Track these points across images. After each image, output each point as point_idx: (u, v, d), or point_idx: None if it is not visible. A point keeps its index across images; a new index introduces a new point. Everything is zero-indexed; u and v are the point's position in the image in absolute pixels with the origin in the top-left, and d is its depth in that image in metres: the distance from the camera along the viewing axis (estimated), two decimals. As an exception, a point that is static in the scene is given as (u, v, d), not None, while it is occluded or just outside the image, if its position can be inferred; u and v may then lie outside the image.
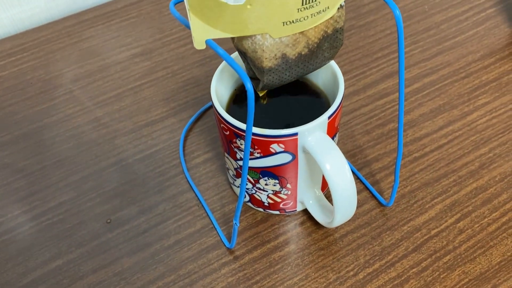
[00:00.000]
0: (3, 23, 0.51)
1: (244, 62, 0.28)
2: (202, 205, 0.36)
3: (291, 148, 0.29)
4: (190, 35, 0.49)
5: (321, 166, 0.28)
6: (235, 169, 0.33)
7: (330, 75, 0.32)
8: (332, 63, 0.31)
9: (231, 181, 0.36)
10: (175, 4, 0.26)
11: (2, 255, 0.34)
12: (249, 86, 0.22)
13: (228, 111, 0.32)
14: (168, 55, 0.48)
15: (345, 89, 0.43)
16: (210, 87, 0.45)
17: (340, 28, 0.26)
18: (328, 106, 0.32)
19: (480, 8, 0.49)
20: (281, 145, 0.29)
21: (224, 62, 0.32)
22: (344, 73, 0.44)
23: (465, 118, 0.40)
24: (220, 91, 0.32)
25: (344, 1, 0.26)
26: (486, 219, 0.34)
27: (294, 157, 0.30)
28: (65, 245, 0.35)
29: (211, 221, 0.35)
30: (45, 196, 0.38)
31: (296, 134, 0.28)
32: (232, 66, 0.22)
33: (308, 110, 0.32)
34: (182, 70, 0.46)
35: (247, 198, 0.34)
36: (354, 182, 0.28)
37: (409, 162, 0.37)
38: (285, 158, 0.30)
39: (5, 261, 0.34)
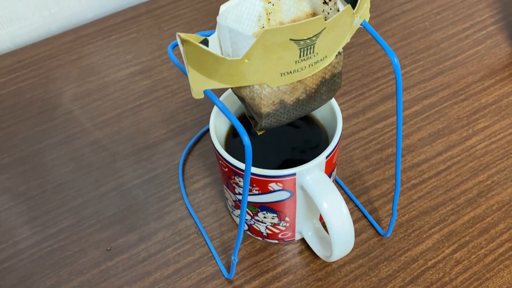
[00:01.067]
0: (3, 39, 0.51)
1: (242, 103, 0.28)
2: (201, 233, 0.36)
3: (289, 187, 0.29)
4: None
5: (319, 206, 0.28)
6: (234, 201, 0.33)
7: (329, 111, 0.32)
8: (332, 100, 0.31)
9: (230, 209, 0.36)
10: (174, 47, 0.26)
11: (3, 284, 0.35)
12: (246, 140, 0.22)
13: (227, 143, 0.32)
14: (167, 73, 0.47)
15: (344, 111, 0.43)
16: (209, 107, 0.45)
17: (338, 72, 0.26)
18: (326, 139, 0.33)
19: (481, 25, 0.49)
20: (279, 184, 0.29)
21: (224, 94, 0.32)
22: (343, 94, 0.44)
23: (464, 143, 0.40)
24: (219, 123, 0.32)
25: (342, 48, 0.25)
26: (483, 250, 0.34)
27: (293, 194, 0.30)
28: (65, 273, 0.35)
29: (210, 250, 0.35)
30: (45, 222, 0.38)
31: (294, 174, 0.28)
32: (230, 119, 0.22)
33: (307, 143, 0.32)
34: (182, 90, 0.46)
35: (246, 227, 0.35)
36: (351, 222, 0.28)
37: (408, 189, 0.38)
38: (284, 195, 0.30)
39: (7, 289, 0.35)
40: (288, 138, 0.32)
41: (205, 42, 0.24)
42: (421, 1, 0.52)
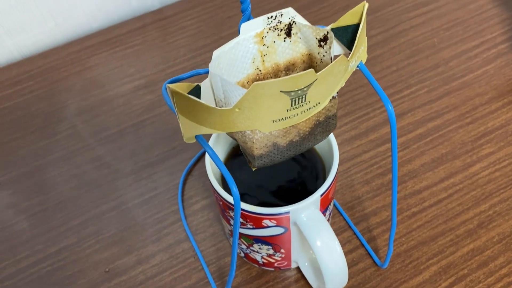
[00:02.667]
0: (9, 50, 0.52)
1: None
2: (198, 257, 0.36)
3: (283, 223, 0.29)
4: (194, 67, 0.49)
5: (312, 244, 0.28)
6: (230, 230, 0.33)
7: (326, 146, 0.31)
8: (330, 136, 0.31)
9: (226, 235, 0.36)
10: (171, 83, 0.26)
11: (5, 302, 0.36)
12: (234, 190, 0.22)
13: (227, 164, 0.32)
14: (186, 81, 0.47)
15: (346, 132, 0.43)
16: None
17: (333, 115, 0.26)
18: (324, 171, 0.32)
19: (491, 43, 0.48)
20: (273, 221, 0.29)
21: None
22: (347, 114, 0.44)
23: (467, 170, 0.39)
24: (216, 150, 0.32)
25: (337, 93, 0.25)
26: (480, 284, 0.34)
27: (287, 230, 0.30)
28: (64, 294, 0.36)
29: (206, 275, 0.36)
30: (46, 241, 0.38)
31: (288, 212, 0.28)
32: (220, 168, 0.22)
33: (304, 175, 0.32)
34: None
35: (242, 254, 0.35)
36: (345, 261, 0.28)
37: (407, 217, 0.37)
38: (278, 230, 0.30)
39: (7, 308, 0.35)
40: (285, 170, 0.32)
41: (197, 89, 0.23)
42: (430, 16, 0.51)
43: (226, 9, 0.54)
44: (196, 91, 0.23)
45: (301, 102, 0.23)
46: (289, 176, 0.32)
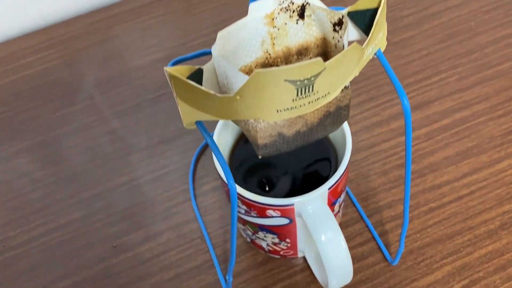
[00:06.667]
0: (33, 16, 0.51)
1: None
2: (205, 239, 0.36)
3: (288, 215, 0.28)
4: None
5: (316, 239, 0.27)
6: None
7: (340, 135, 0.30)
8: (344, 125, 0.29)
9: (234, 219, 0.35)
10: (174, 64, 0.25)
11: (15, 269, 0.36)
12: (231, 183, 0.21)
13: (233, 155, 0.31)
14: (191, 62, 0.46)
15: (367, 119, 0.41)
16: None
17: (345, 105, 0.24)
18: (336, 161, 0.31)
19: (533, 30, 0.44)
20: (277, 211, 0.28)
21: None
22: (369, 100, 0.42)
23: (493, 167, 0.37)
24: (225, 135, 0.31)
25: (350, 83, 0.23)
26: (496, 289, 0.32)
27: (292, 221, 0.29)
28: (72, 266, 0.36)
29: (212, 257, 0.35)
30: (58, 211, 0.39)
31: (292, 204, 0.27)
32: (218, 160, 0.21)
33: (314, 165, 0.31)
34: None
35: (249, 240, 0.34)
36: (350, 258, 0.27)
37: (424, 213, 0.36)
38: (282, 221, 0.29)
39: (17, 275, 0.36)
40: (296, 158, 0.31)
41: (198, 73, 0.22)
42: (469, -3, 0.47)
43: (252, -18, 0.52)
44: (197, 75, 0.22)
45: (308, 92, 0.21)
46: (299, 164, 0.31)
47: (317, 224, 0.27)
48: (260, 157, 0.27)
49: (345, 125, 0.29)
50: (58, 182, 0.40)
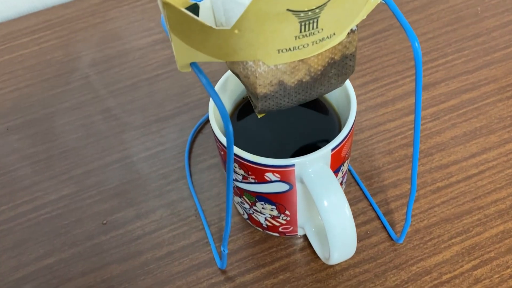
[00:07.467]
0: (30, -2, 0.51)
1: (241, 81, 0.25)
2: (200, 216, 0.34)
3: (288, 179, 0.26)
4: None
5: (317, 204, 0.25)
6: (233, 187, 0.31)
7: (343, 96, 0.28)
8: (346, 83, 0.28)
9: (231, 195, 0.34)
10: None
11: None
12: (230, 128, 0.19)
13: (231, 119, 0.30)
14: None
15: (372, 99, 0.39)
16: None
17: (351, 54, 0.23)
18: (339, 126, 0.29)
19: (542, 14, 0.43)
20: (276, 174, 0.26)
21: (226, 73, 0.30)
22: (374, 80, 0.40)
23: (503, 146, 0.35)
24: (225, 93, 0.29)
25: (357, 26, 0.22)
26: (508, 270, 0.30)
27: (292, 187, 0.27)
28: (59, 242, 0.34)
29: (207, 235, 0.33)
30: (47, 188, 0.37)
31: (293, 165, 0.25)
32: (215, 101, 0.20)
33: (316, 130, 0.29)
34: (202, 63, 0.43)
35: (246, 216, 0.32)
36: (353, 225, 0.25)
37: (431, 192, 0.34)
38: (282, 187, 0.27)
39: (1, 252, 0.34)
40: (296, 122, 0.29)
41: (194, 8, 0.21)
42: (476, -17, 0.46)
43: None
44: (193, 10, 0.21)
45: (313, 28, 0.20)
46: (300, 129, 0.29)
47: (319, 188, 0.25)
48: (260, 115, 0.25)
49: (349, 85, 0.27)
50: (49, 159, 0.39)
